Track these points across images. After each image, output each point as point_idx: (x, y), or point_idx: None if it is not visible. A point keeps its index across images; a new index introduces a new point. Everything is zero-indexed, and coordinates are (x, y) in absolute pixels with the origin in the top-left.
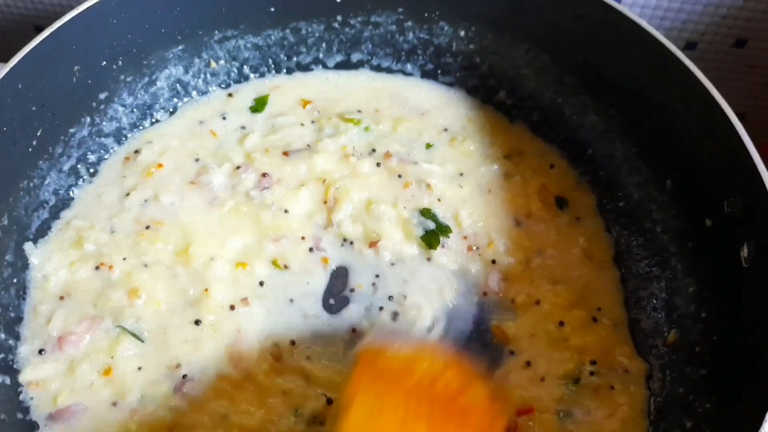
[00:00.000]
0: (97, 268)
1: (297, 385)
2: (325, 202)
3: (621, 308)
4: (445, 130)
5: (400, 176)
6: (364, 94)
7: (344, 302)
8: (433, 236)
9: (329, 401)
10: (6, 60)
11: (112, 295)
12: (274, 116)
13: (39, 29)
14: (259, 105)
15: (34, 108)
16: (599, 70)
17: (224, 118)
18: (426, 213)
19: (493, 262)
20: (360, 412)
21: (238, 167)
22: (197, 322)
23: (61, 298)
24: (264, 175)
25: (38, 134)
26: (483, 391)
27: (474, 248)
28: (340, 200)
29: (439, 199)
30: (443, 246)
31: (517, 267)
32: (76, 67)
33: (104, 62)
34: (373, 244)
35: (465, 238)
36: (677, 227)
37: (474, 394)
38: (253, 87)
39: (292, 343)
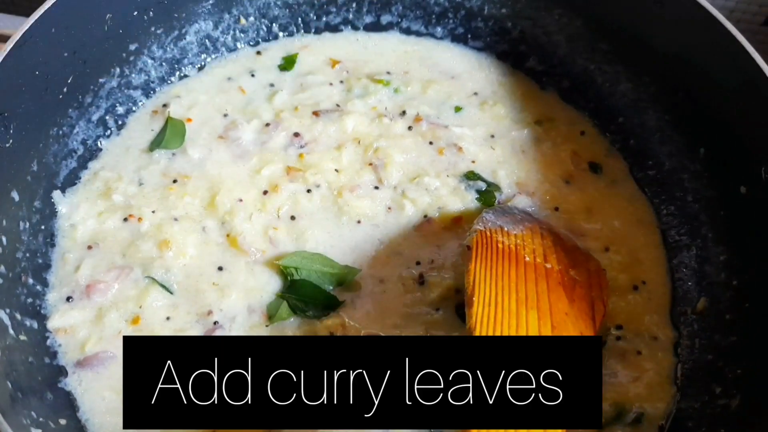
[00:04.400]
0: (125, 219)
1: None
2: (370, 164)
3: (660, 276)
4: (475, 93)
5: (431, 143)
6: (394, 56)
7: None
8: (488, 194)
9: None
10: (27, 15)
11: (141, 246)
12: (303, 75)
13: None
14: (287, 63)
15: (66, 54)
16: (633, 35)
17: (253, 76)
18: (471, 175)
19: (556, 209)
20: (482, 299)
21: (267, 124)
22: (227, 271)
23: (89, 247)
24: (296, 134)
25: (69, 81)
26: (586, 272)
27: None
28: (387, 163)
29: (473, 161)
30: (499, 203)
31: (569, 224)
32: (108, 15)
33: (135, 12)
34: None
35: (519, 194)
36: (709, 196)
37: (580, 273)
38: (282, 46)
39: None
